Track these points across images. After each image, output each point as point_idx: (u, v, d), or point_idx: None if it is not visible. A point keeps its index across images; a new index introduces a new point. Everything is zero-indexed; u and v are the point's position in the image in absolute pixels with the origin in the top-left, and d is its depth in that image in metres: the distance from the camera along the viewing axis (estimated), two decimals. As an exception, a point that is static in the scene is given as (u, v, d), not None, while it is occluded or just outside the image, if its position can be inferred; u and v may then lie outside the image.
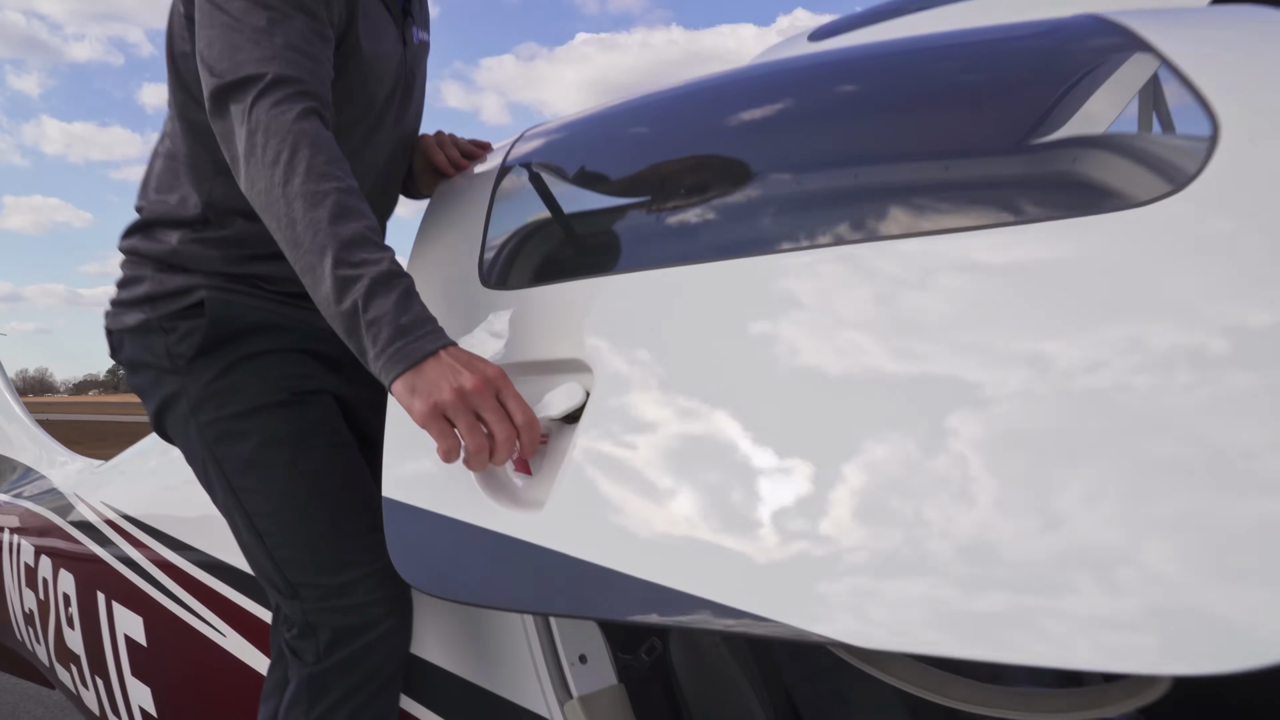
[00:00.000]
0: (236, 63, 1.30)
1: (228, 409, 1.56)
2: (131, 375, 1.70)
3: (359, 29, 1.51)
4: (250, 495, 1.55)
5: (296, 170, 1.22)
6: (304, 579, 1.53)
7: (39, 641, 3.42)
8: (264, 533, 1.56)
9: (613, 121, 1.61)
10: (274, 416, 1.55)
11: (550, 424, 1.15)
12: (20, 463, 4.16)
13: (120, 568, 2.68)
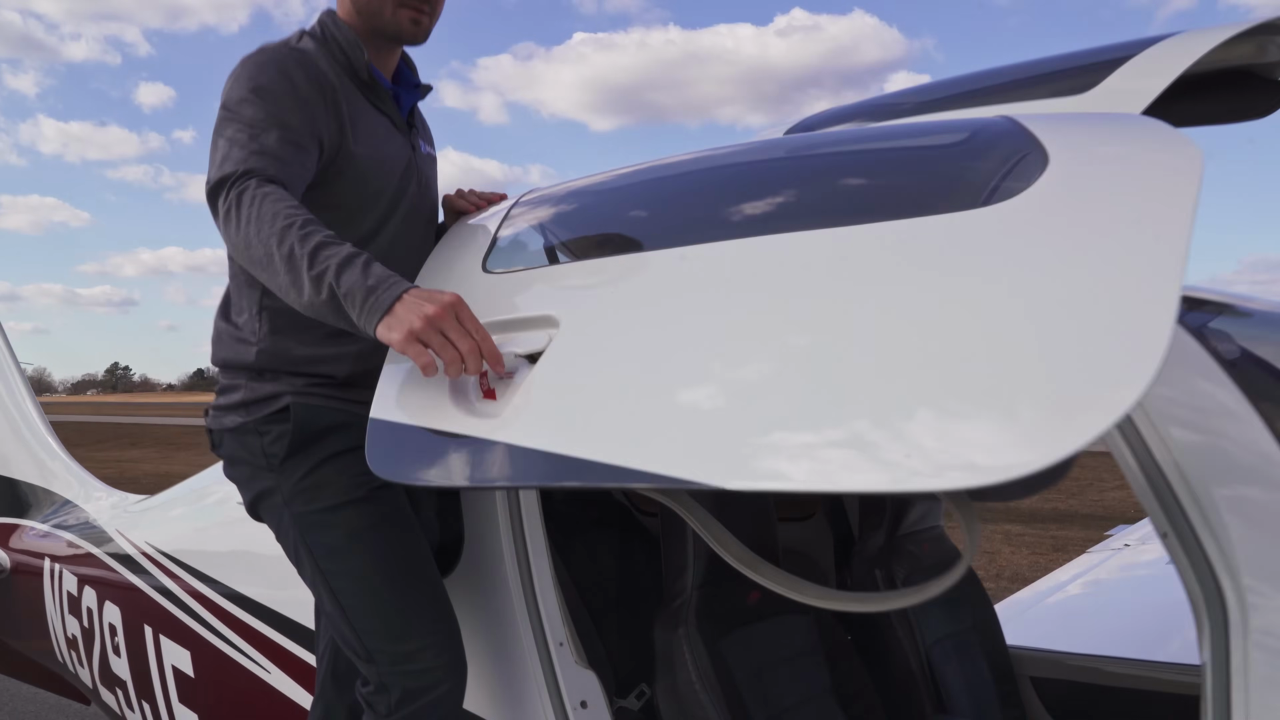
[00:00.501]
0: (222, 168, 1.64)
1: (316, 504, 1.86)
2: (230, 467, 2.00)
3: (353, 137, 1.85)
4: (335, 576, 1.86)
5: (264, 223, 1.54)
6: (378, 646, 1.83)
7: (82, 665, 3.71)
8: (346, 607, 1.86)
9: (588, 193, 1.97)
10: (354, 512, 1.86)
11: (517, 360, 1.44)
12: (59, 495, 4.45)
13: (166, 603, 2.98)
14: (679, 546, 2.08)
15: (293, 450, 1.86)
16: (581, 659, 1.93)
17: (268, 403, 1.89)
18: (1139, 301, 1.01)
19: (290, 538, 1.92)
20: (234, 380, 1.95)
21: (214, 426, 2.00)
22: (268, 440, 1.88)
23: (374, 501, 1.88)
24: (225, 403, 1.96)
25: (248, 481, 1.96)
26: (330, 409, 1.88)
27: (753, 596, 2.11)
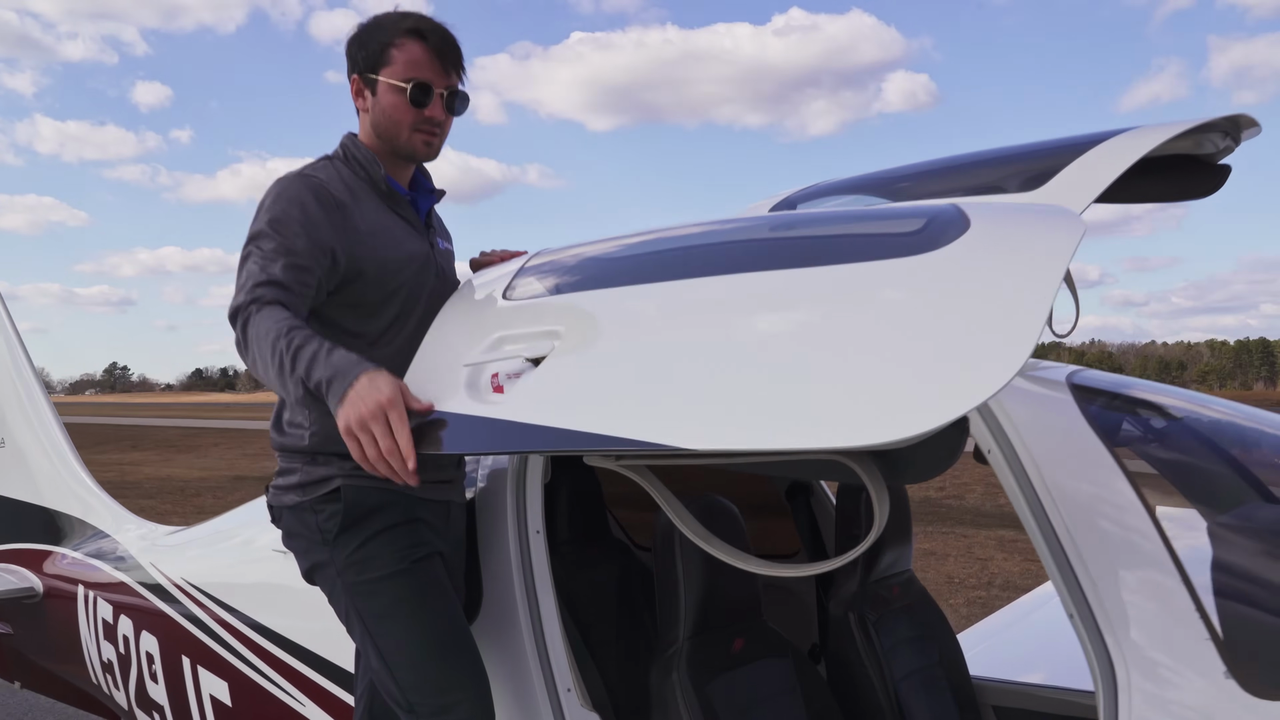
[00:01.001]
0: (236, 298, 1.98)
1: (365, 575, 2.15)
2: (288, 539, 2.28)
3: (370, 243, 2.15)
4: (381, 637, 2.14)
5: (263, 342, 1.87)
6: (419, 700, 2.11)
7: (117, 688, 3.97)
8: (391, 665, 2.13)
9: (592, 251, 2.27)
10: (398, 583, 2.15)
11: (525, 364, 1.77)
12: (92, 526, 4.71)
13: (203, 636, 3.24)
14: (672, 601, 2.35)
15: (344, 527, 2.15)
16: (586, 702, 2.21)
17: (321, 484, 2.18)
18: (1008, 323, 1.36)
19: (342, 603, 2.20)
20: (291, 464, 2.24)
21: (274, 503, 2.29)
22: (322, 518, 2.17)
23: (416, 573, 2.17)
24: (284, 483, 2.25)
25: (304, 553, 2.25)
26: (376, 489, 2.14)
27: (737, 644, 2.38)
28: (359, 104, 2.28)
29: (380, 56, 2.20)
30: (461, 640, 2.18)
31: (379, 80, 2.21)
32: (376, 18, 2.27)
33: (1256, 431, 2.39)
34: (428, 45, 2.21)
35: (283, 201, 2.07)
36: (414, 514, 2.21)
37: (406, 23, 2.22)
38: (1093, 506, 1.71)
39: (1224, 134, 2.83)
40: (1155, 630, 1.58)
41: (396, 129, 2.22)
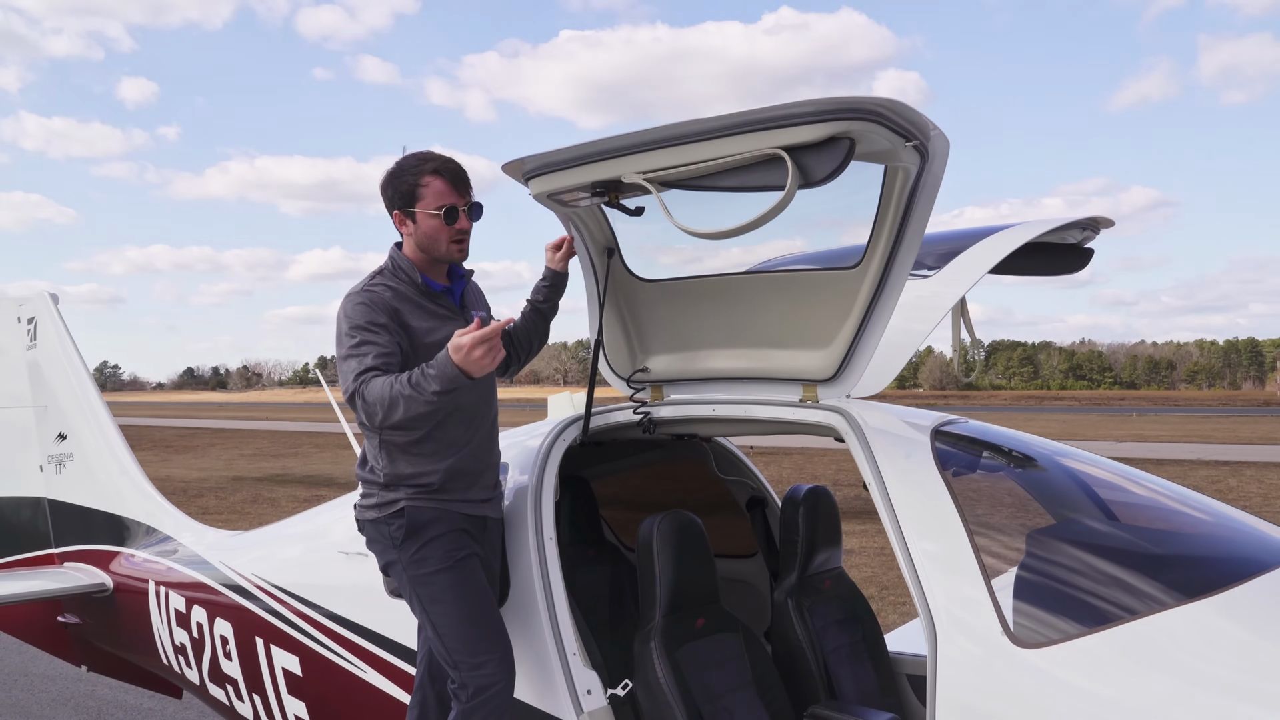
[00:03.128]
0: (350, 382, 2.79)
1: (422, 570, 2.98)
2: (370, 543, 3.10)
3: (416, 335, 2.94)
4: (434, 615, 2.96)
5: (383, 393, 2.70)
6: (460, 659, 2.92)
7: (190, 667, 4.74)
8: (441, 634, 2.95)
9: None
10: (444, 576, 2.97)
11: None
12: (156, 529, 5.46)
13: (274, 620, 4.02)
14: (650, 588, 3.13)
15: (408, 535, 2.97)
16: (587, 663, 3.01)
17: (390, 505, 3.01)
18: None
19: (407, 589, 3.03)
20: (370, 490, 3.09)
21: (360, 518, 3.12)
22: (393, 528, 3.00)
23: (457, 569, 2.98)
24: (366, 504, 3.09)
25: (381, 553, 3.08)
26: (429, 508, 2.99)
27: (699, 622, 3.17)
28: (403, 230, 3.03)
29: (412, 194, 2.96)
30: (491, 617, 2.99)
31: (416, 212, 2.97)
32: (401, 164, 3.01)
33: (1078, 472, 3.20)
34: (446, 178, 2.96)
35: (358, 313, 2.88)
36: (457, 525, 3.02)
37: (426, 166, 2.96)
38: (929, 521, 2.52)
39: (1082, 229, 3.66)
40: (960, 605, 2.37)
41: (436, 244, 2.99)
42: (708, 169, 2.40)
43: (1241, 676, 2.22)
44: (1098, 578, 2.62)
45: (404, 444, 2.97)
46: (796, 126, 2.25)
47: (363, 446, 3.13)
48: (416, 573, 2.98)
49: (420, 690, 3.20)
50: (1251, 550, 2.81)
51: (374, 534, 3.07)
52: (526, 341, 3.39)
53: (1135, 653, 2.26)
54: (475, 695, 2.88)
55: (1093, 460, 3.34)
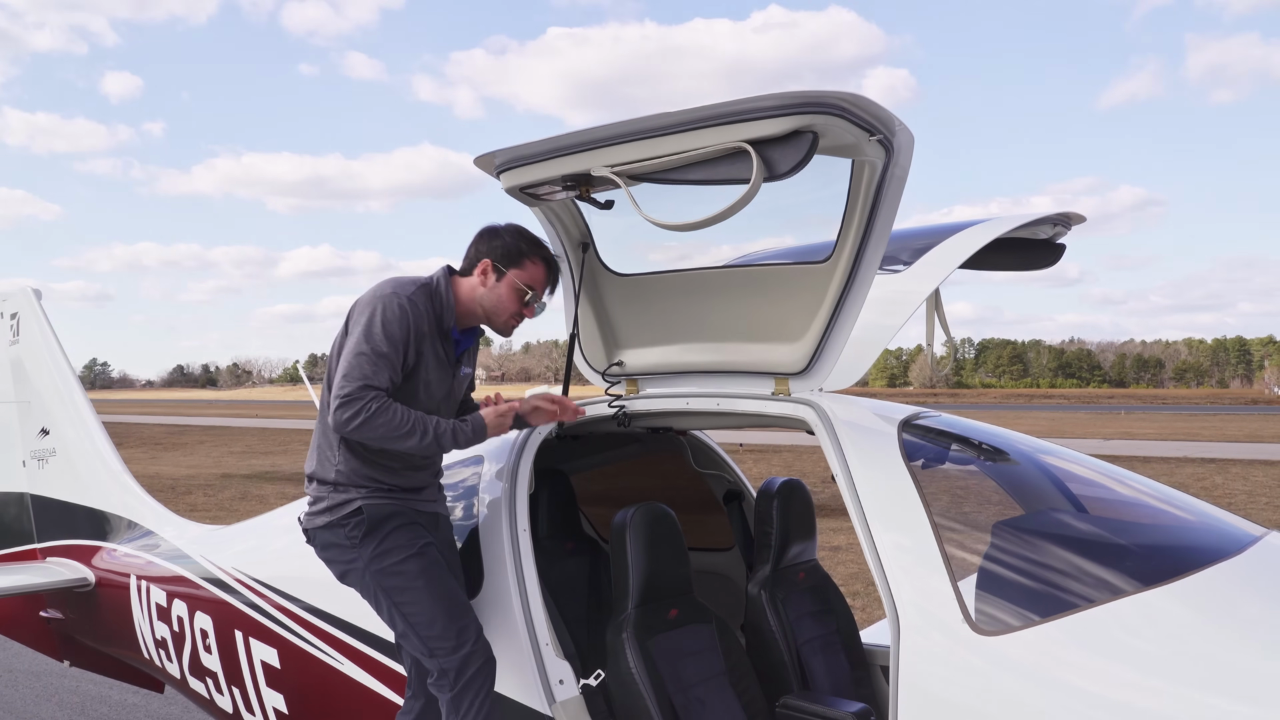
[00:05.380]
0: (353, 378, 2.83)
1: (387, 562, 2.99)
2: (323, 551, 3.11)
3: (421, 368, 3.00)
4: (404, 605, 2.97)
5: (399, 421, 2.81)
6: (436, 644, 2.92)
7: (170, 660, 4.75)
8: (414, 624, 2.95)
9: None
10: (412, 562, 2.99)
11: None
12: (138, 523, 5.47)
13: (253, 614, 4.04)
14: (623, 579, 3.16)
15: (368, 531, 3.00)
16: (559, 653, 3.04)
17: (345, 505, 3.02)
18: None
19: (371, 589, 3.04)
20: (320, 494, 3.08)
21: (308, 526, 3.12)
22: (348, 529, 3.02)
23: (423, 555, 3.00)
24: (316, 510, 3.09)
25: (337, 561, 3.08)
26: (387, 504, 3.03)
27: (672, 613, 3.20)
28: (480, 279, 3.08)
29: (516, 260, 3.06)
30: (463, 599, 3.04)
31: (507, 275, 3.05)
32: (520, 232, 3.11)
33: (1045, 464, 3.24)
34: (548, 272, 3.12)
35: (395, 322, 2.90)
36: (413, 519, 3.07)
37: (541, 251, 3.11)
38: (894, 513, 2.55)
39: (1054, 224, 3.70)
40: (923, 595, 2.41)
41: (500, 313, 3.10)
42: (675, 162, 2.44)
43: (1192, 661, 2.26)
44: (1060, 567, 2.65)
45: (371, 448, 3.01)
46: (760, 120, 2.28)
47: (312, 448, 3.13)
48: (381, 566, 2.99)
49: (415, 698, 3.19)
50: (1210, 539, 2.86)
51: (328, 539, 3.06)
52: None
53: (1092, 639, 2.30)
54: (459, 678, 2.90)
55: (1060, 453, 3.38)
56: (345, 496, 3.02)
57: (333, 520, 3.02)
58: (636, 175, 2.54)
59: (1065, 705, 2.18)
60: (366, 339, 2.88)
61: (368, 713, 3.48)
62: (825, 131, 2.34)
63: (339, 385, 2.86)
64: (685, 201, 2.56)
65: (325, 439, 3.07)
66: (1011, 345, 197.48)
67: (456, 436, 2.94)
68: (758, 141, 2.31)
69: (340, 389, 2.84)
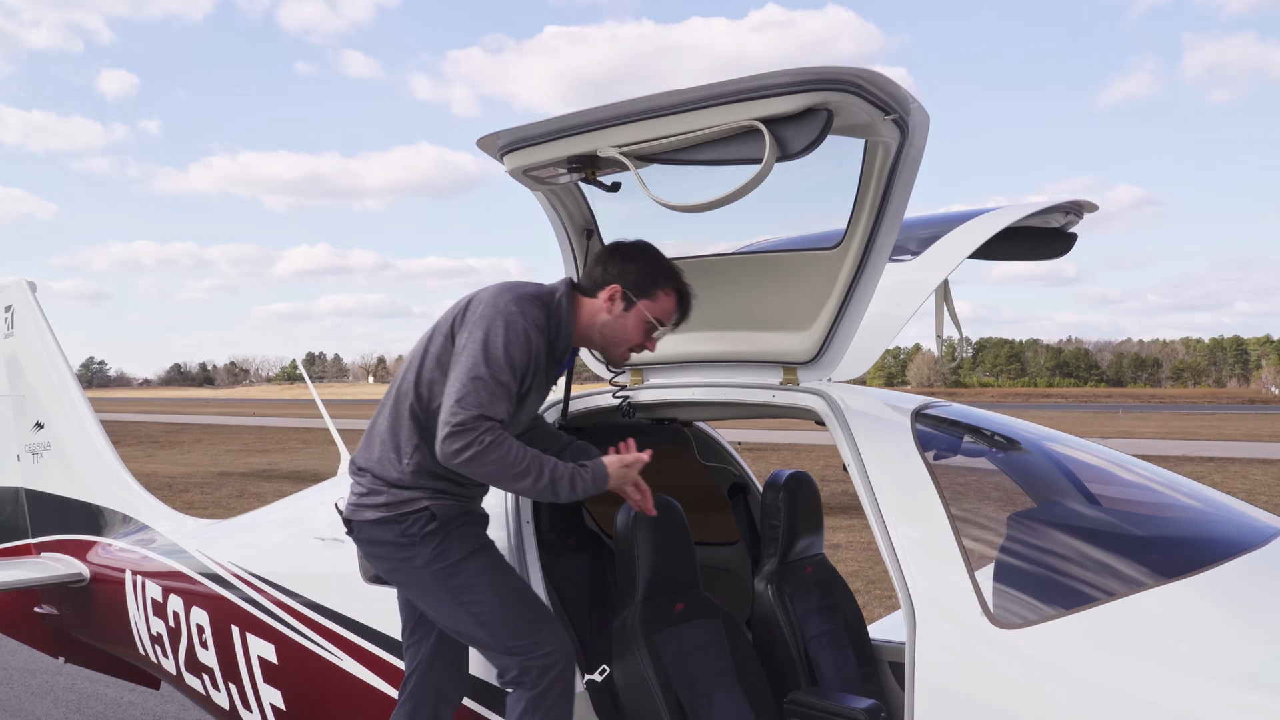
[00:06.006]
0: (466, 409, 2.58)
1: (449, 560, 2.79)
2: (369, 545, 2.87)
3: (525, 392, 2.79)
4: (473, 604, 2.77)
5: (515, 465, 2.58)
6: (516, 644, 2.73)
7: (166, 656, 4.68)
8: (487, 624, 2.75)
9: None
10: (475, 559, 2.82)
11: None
12: (133, 518, 5.40)
13: (251, 609, 3.97)
14: (630, 572, 3.09)
15: (432, 531, 2.79)
16: (564, 648, 2.96)
17: (408, 504, 2.81)
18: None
19: (430, 589, 2.82)
20: (377, 487, 2.85)
21: (354, 518, 2.89)
22: (405, 526, 2.79)
23: (487, 553, 2.86)
24: (367, 502, 2.86)
25: (385, 556, 2.86)
26: (454, 505, 2.85)
27: (678, 607, 3.13)
28: (606, 304, 2.85)
29: (649, 290, 2.84)
30: (534, 596, 2.90)
31: (637, 305, 2.84)
32: (656, 257, 2.88)
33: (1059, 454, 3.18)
34: (680, 305, 2.89)
35: (520, 347, 2.67)
36: (475, 517, 2.94)
37: (678, 282, 2.87)
38: (909, 504, 2.49)
39: (1066, 212, 3.63)
40: (940, 588, 2.35)
41: (621, 342, 2.89)
42: (684, 142, 2.36)
43: (1217, 656, 2.20)
44: (1078, 559, 2.59)
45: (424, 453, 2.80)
46: (773, 98, 2.21)
47: (372, 442, 2.92)
48: (443, 565, 2.79)
49: (411, 703, 3.03)
50: (1231, 532, 2.79)
51: (377, 535, 2.84)
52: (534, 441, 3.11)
53: (1115, 633, 2.24)
54: (542, 677, 2.73)
55: (1073, 443, 3.32)
56: (409, 495, 2.81)
57: (388, 516, 2.81)
58: (645, 156, 2.46)
59: (1089, 701, 2.12)
60: (486, 362, 2.63)
61: (366, 708, 3.42)
62: (839, 110, 2.26)
63: (451, 411, 2.59)
64: (694, 183, 2.49)
65: (393, 437, 2.85)
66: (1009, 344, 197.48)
67: (575, 484, 2.65)
68: (770, 120, 2.24)
69: (453, 416, 2.58)
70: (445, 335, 2.80)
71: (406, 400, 2.84)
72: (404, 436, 2.83)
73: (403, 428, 2.84)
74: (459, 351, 2.70)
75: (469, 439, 2.56)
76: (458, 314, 2.80)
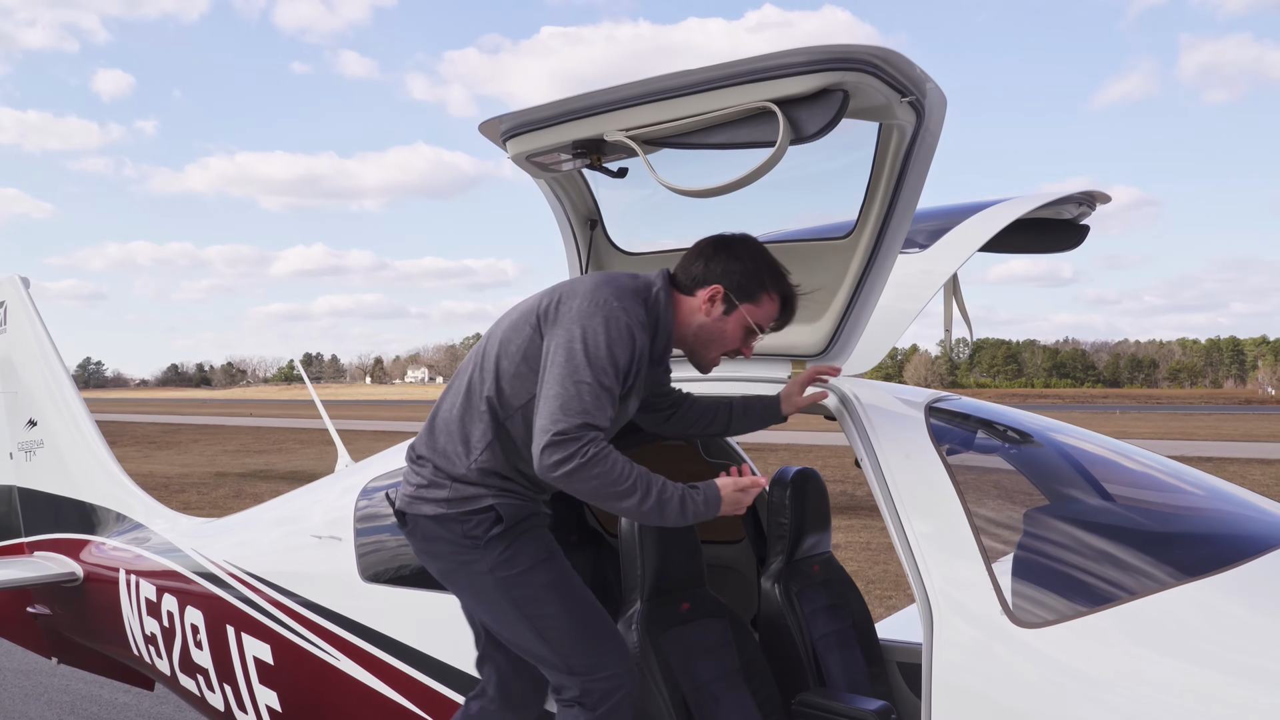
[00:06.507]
0: (570, 415, 2.31)
1: (514, 569, 2.57)
2: (425, 542, 2.65)
3: (631, 389, 2.54)
4: (536, 618, 2.55)
5: (620, 480, 2.31)
6: (579, 662, 2.55)
7: (160, 657, 4.60)
8: (550, 640, 2.55)
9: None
10: (543, 570, 2.60)
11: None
12: (127, 516, 5.32)
13: (246, 609, 3.89)
14: (633, 572, 3.02)
15: (499, 534, 2.58)
16: (567, 648, 2.88)
17: (470, 501, 2.59)
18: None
19: (491, 597, 2.61)
20: (439, 480, 2.63)
21: (409, 510, 2.67)
22: (468, 526, 2.58)
23: (553, 563, 2.65)
24: (428, 495, 2.63)
25: (445, 556, 2.64)
26: (521, 505, 2.63)
27: (684, 606, 3.06)
28: (705, 305, 2.61)
29: (752, 294, 2.59)
30: (602, 614, 2.67)
31: (739, 309, 2.60)
32: (762, 256, 2.63)
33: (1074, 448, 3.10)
34: (783, 310, 2.66)
35: (621, 343, 2.41)
36: (542, 520, 2.72)
37: (783, 285, 2.64)
38: (925, 500, 2.41)
39: (1078, 204, 3.55)
40: (958, 585, 2.27)
41: (716, 346, 2.65)
42: (695, 125, 2.27)
43: (1244, 656, 2.13)
44: (1099, 556, 2.52)
45: (525, 446, 2.56)
46: (788, 78, 2.13)
47: (436, 429, 2.71)
48: (507, 574, 2.58)
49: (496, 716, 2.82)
50: (1254, 529, 2.72)
51: (435, 532, 2.63)
52: (694, 419, 2.99)
53: (1139, 632, 2.16)
54: (604, 699, 2.56)
55: (1087, 436, 3.24)
56: (474, 492, 2.59)
57: (448, 513, 2.59)
58: (653, 140, 2.38)
59: (1115, 704, 2.04)
60: (589, 364, 2.37)
61: (364, 710, 3.34)
62: (855, 91, 2.19)
63: (552, 418, 2.33)
64: (704, 167, 2.41)
65: (462, 429, 2.63)
66: (1006, 345, 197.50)
67: (685, 508, 2.36)
68: (784, 101, 2.16)
69: (554, 423, 2.32)
70: (533, 328, 2.55)
71: (482, 392, 2.61)
72: (476, 431, 2.61)
73: (475, 421, 2.61)
74: (554, 350, 2.43)
75: (571, 450, 2.30)
76: (548, 306, 2.54)
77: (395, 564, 3.42)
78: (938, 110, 2.39)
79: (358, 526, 3.51)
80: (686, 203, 2.92)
